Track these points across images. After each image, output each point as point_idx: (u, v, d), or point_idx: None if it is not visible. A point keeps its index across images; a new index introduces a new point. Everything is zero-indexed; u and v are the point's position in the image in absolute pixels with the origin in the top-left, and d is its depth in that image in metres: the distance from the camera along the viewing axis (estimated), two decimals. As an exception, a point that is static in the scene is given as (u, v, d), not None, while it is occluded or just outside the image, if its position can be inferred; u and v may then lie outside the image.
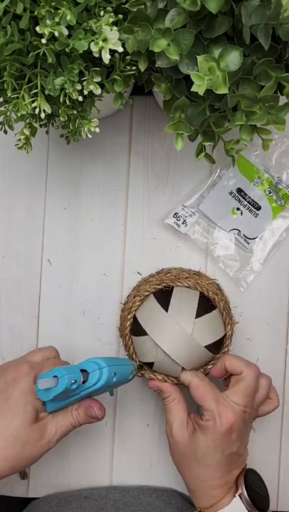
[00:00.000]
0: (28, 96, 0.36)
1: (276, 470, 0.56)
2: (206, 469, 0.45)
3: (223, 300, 0.51)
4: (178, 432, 0.46)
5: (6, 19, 0.32)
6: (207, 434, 0.44)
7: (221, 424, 0.43)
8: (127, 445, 0.57)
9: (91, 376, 0.43)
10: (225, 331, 0.50)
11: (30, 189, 0.57)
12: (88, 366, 0.43)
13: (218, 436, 0.44)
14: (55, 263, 0.57)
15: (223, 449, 0.44)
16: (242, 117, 0.36)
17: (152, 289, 0.51)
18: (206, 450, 0.44)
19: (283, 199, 0.56)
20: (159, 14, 0.34)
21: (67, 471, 0.57)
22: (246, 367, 0.46)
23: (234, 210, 0.56)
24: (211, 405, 0.44)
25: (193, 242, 0.56)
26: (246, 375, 0.45)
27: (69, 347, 0.56)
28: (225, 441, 0.44)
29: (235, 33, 0.35)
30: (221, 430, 0.43)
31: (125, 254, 0.57)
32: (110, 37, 0.32)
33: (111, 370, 0.43)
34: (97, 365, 0.43)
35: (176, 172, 0.57)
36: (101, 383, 0.42)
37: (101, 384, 0.42)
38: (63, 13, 0.31)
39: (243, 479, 0.45)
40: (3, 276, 0.57)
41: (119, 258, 0.57)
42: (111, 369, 0.43)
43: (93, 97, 0.40)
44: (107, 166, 0.57)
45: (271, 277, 0.56)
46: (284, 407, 0.56)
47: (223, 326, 0.50)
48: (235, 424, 0.44)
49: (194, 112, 0.38)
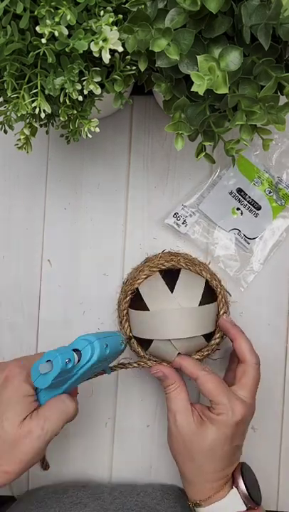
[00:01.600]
0: (28, 96, 0.36)
1: (276, 470, 0.56)
2: (210, 461, 0.45)
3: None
4: (183, 421, 0.45)
5: (6, 19, 0.32)
6: (219, 426, 0.44)
7: (233, 417, 0.44)
8: (127, 445, 0.56)
9: (84, 353, 0.42)
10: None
11: (30, 189, 0.57)
12: (79, 344, 0.43)
13: (230, 429, 0.44)
14: (55, 263, 0.57)
15: (232, 441, 0.44)
16: (242, 117, 0.36)
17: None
18: (216, 442, 0.44)
19: (283, 199, 0.56)
20: (159, 14, 0.34)
21: (66, 471, 0.57)
22: (250, 355, 0.47)
23: (234, 210, 0.56)
24: (223, 399, 0.44)
25: (193, 242, 0.56)
26: (250, 366, 0.46)
27: (69, 347, 0.56)
28: (234, 433, 0.44)
29: (235, 32, 0.35)
30: (232, 423, 0.44)
31: (125, 255, 0.57)
32: (110, 37, 0.32)
33: (102, 343, 0.43)
34: (88, 341, 0.42)
35: (176, 172, 0.57)
36: (95, 358, 0.42)
37: (96, 358, 0.42)
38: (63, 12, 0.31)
39: (240, 472, 0.46)
40: (3, 276, 0.57)
41: (119, 258, 0.57)
42: (102, 341, 0.43)
43: (93, 96, 0.40)
44: (107, 166, 0.57)
45: (271, 277, 0.56)
46: (284, 407, 0.56)
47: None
48: (245, 418, 0.45)
49: (194, 111, 0.38)
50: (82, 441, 0.57)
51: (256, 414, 0.56)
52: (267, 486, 0.56)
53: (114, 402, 0.57)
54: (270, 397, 0.56)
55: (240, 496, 0.44)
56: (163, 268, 0.51)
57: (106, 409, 0.57)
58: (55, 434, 0.42)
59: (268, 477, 0.56)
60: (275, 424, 0.56)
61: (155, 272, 0.51)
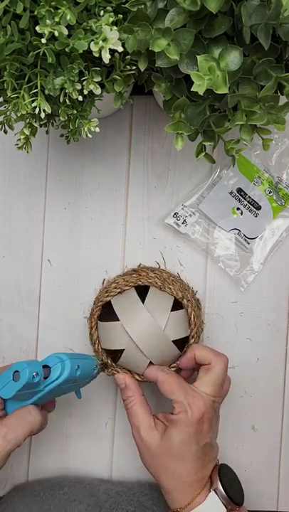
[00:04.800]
0: (28, 96, 0.36)
1: (276, 470, 0.56)
2: (182, 465, 0.44)
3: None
4: (147, 435, 0.45)
5: (6, 19, 0.32)
6: (180, 426, 0.44)
7: (192, 414, 0.43)
8: (127, 445, 0.56)
9: (54, 370, 0.42)
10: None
11: (30, 189, 0.57)
12: (50, 361, 0.43)
13: (191, 427, 0.44)
14: (55, 263, 0.57)
15: (198, 440, 0.44)
16: (242, 117, 0.36)
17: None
18: (181, 444, 0.44)
19: (283, 199, 0.56)
20: (159, 14, 0.34)
21: (66, 471, 0.57)
22: (215, 357, 0.46)
23: (234, 210, 0.56)
24: (180, 397, 0.44)
25: (193, 242, 0.56)
26: (215, 365, 0.46)
27: (69, 347, 0.56)
28: (198, 431, 0.44)
29: (235, 32, 0.35)
30: (193, 420, 0.43)
31: (125, 254, 0.57)
32: (110, 37, 0.32)
33: (74, 363, 0.43)
34: (59, 359, 0.42)
35: (176, 172, 0.57)
36: (64, 377, 0.42)
37: (64, 377, 0.42)
38: (63, 12, 0.31)
39: (217, 474, 0.45)
40: (3, 276, 0.57)
41: (119, 258, 0.57)
42: (73, 362, 0.43)
43: (93, 96, 0.40)
44: (107, 166, 0.57)
45: (271, 277, 0.56)
46: (284, 407, 0.56)
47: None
48: (206, 414, 0.44)
49: (194, 111, 0.38)
50: (82, 441, 0.57)
51: (256, 414, 0.56)
52: (267, 486, 0.56)
53: (114, 402, 0.57)
54: (270, 397, 0.56)
55: (219, 498, 0.44)
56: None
57: (106, 409, 0.57)
58: (18, 446, 0.42)
59: (268, 477, 0.56)
60: (275, 424, 0.56)
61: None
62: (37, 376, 0.40)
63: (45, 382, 0.42)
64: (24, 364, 0.40)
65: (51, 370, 0.42)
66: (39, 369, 0.41)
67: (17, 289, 0.57)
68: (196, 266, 0.56)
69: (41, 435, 0.57)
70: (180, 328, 0.50)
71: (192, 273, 0.56)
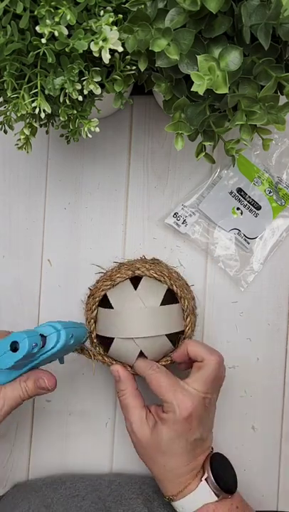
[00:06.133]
0: (28, 96, 0.36)
1: (276, 470, 0.56)
2: (172, 459, 0.45)
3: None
4: (139, 430, 0.46)
5: (6, 19, 0.32)
6: (168, 425, 0.44)
7: (180, 413, 0.44)
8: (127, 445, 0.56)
9: (49, 339, 0.42)
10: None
11: (30, 189, 0.57)
12: (45, 330, 0.42)
13: (179, 425, 0.44)
14: (55, 263, 0.57)
15: (186, 437, 0.44)
16: (242, 117, 0.36)
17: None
18: (170, 441, 0.44)
19: (283, 199, 0.56)
20: (159, 14, 0.34)
21: (67, 470, 0.57)
22: (208, 354, 0.46)
23: (234, 210, 0.56)
24: (169, 397, 0.44)
25: (193, 241, 0.56)
26: (208, 362, 0.46)
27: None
28: (186, 429, 0.44)
29: (235, 32, 0.35)
30: (181, 420, 0.44)
31: (125, 254, 0.57)
32: (110, 37, 0.32)
33: (68, 332, 0.43)
34: (55, 329, 0.42)
35: (176, 172, 0.57)
36: (59, 346, 0.41)
37: (60, 346, 0.41)
38: (63, 12, 0.31)
39: (208, 463, 0.46)
40: (3, 276, 0.57)
41: (119, 258, 0.57)
42: (68, 331, 0.43)
43: (93, 96, 0.40)
44: (107, 166, 0.57)
45: (271, 277, 0.56)
46: (284, 407, 0.56)
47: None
48: (195, 412, 0.44)
49: (194, 111, 0.38)
50: (82, 441, 0.57)
51: (256, 414, 0.56)
52: (267, 486, 0.56)
53: (114, 402, 0.57)
54: (270, 396, 0.56)
55: (210, 487, 0.44)
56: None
57: (106, 409, 0.57)
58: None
59: (268, 477, 0.56)
60: (275, 424, 0.56)
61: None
62: (36, 347, 0.40)
63: (40, 351, 0.41)
64: (23, 334, 0.39)
65: (46, 340, 0.42)
66: (38, 339, 0.40)
67: (17, 289, 0.57)
68: (196, 266, 0.56)
69: (41, 434, 0.57)
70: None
71: (192, 273, 0.56)
